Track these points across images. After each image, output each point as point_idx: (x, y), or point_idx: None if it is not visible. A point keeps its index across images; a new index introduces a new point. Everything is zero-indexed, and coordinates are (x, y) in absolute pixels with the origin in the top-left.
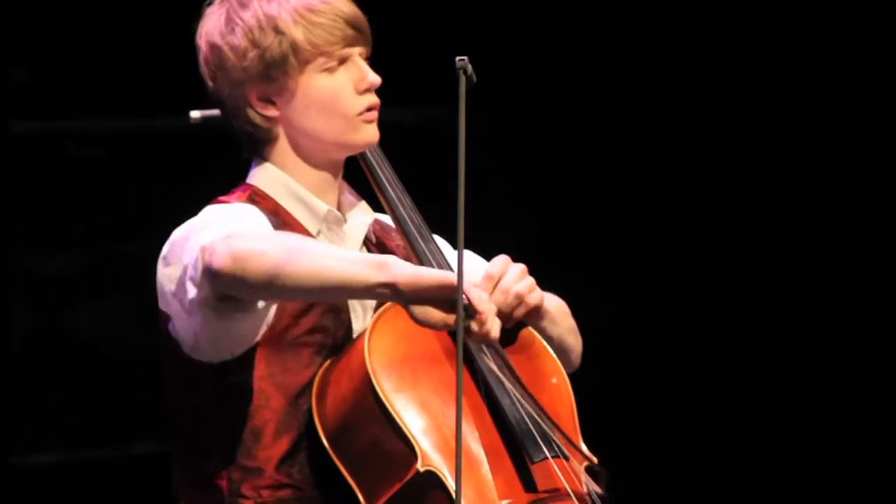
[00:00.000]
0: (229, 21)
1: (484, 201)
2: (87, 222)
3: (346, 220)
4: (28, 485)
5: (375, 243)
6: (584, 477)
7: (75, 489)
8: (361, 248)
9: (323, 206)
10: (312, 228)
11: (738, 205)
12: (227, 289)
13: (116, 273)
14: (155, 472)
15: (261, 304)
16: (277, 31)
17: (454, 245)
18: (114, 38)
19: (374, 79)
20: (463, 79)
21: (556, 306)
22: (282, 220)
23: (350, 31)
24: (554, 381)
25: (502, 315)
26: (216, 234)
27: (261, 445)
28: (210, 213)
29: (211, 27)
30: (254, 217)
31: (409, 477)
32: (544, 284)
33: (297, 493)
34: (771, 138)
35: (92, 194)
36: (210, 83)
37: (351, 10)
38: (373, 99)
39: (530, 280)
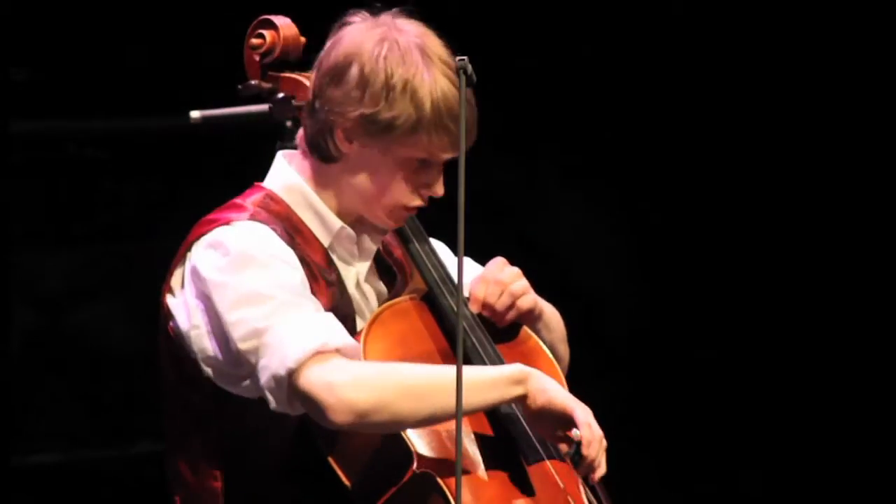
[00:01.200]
0: (381, 58)
1: (483, 201)
2: (87, 222)
3: (358, 238)
4: (28, 485)
5: (383, 251)
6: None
7: (75, 489)
8: (372, 262)
9: (337, 223)
10: (324, 240)
11: (741, 202)
12: (339, 426)
13: (116, 273)
14: (155, 472)
15: None
16: (414, 103)
17: (453, 249)
18: (114, 38)
19: (440, 193)
20: (463, 79)
21: (550, 312)
22: (294, 227)
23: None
24: None
25: (495, 313)
26: (299, 352)
27: (259, 447)
28: (239, 257)
29: (363, 45)
30: (285, 257)
31: (405, 479)
32: (544, 288)
33: (293, 494)
34: (772, 140)
35: (92, 194)
36: (320, 82)
37: (474, 121)
38: (425, 203)
39: (524, 283)
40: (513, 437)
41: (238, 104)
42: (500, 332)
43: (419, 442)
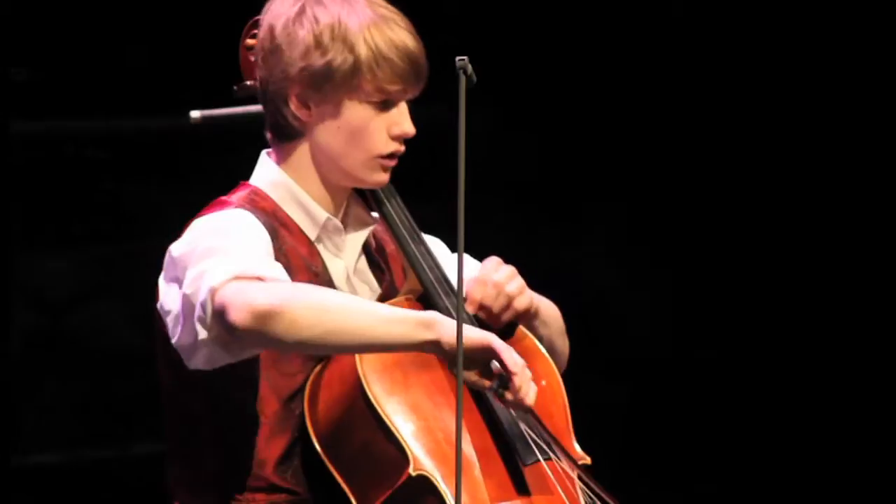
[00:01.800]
0: (302, 12)
1: (483, 201)
2: (87, 222)
3: (346, 230)
4: (28, 485)
5: (375, 248)
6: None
7: (75, 489)
8: (360, 253)
9: (323, 214)
10: (311, 234)
11: (739, 205)
12: (243, 342)
13: (116, 273)
14: (155, 472)
15: None
16: (346, 45)
17: (451, 247)
18: (114, 38)
19: (410, 130)
20: (463, 79)
21: (547, 308)
22: (280, 222)
23: (412, 77)
24: (543, 383)
25: (490, 314)
26: (223, 273)
27: (254, 449)
28: (207, 231)
29: (280, 11)
30: (252, 231)
31: (401, 481)
32: (541, 286)
33: (290, 497)
34: (770, 139)
35: (92, 194)
36: (259, 63)
37: (421, 55)
38: (399, 147)
39: (520, 282)
40: (509, 438)
41: (236, 105)
42: (497, 332)
43: (415, 444)
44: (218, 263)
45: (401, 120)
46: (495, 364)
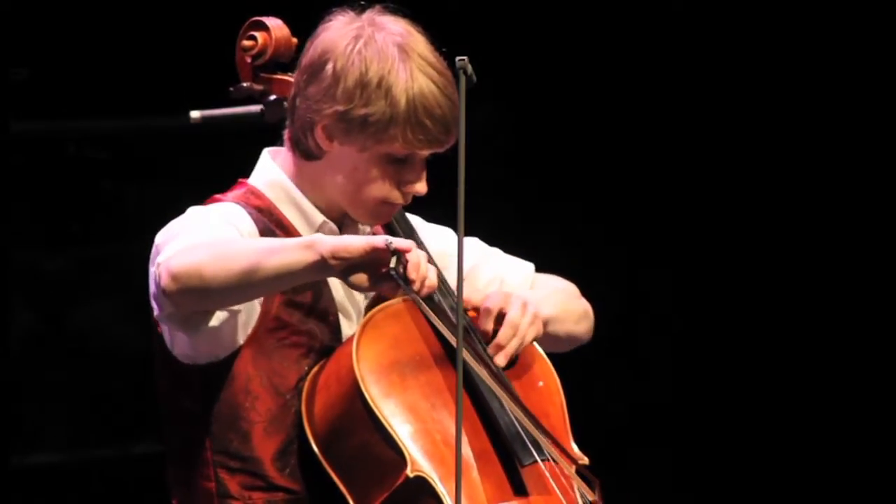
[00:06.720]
0: (356, 54)
1: (482, 198)
2: (87, 222)
3: (343, 231)
4: (28, 485)
5: None
6: (576, 481)
7: (75, 489)
8: None
9: (319, 218)
10: (306, 235)
11: (743, 203)
12: (178, 307)
13: (116, 273)
14: (155, 472)
15: (225, 312)
16: (388, 100)
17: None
18: (114, 38)
19: (422, 190)
20: (463, 79)
21: (559, 305)
22: (275, 221)
23: (441, 141)
24: (541, 384)
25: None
26: (171, 250)
27: (250, 447)
28: (188, 217)
29: (339, 42)
30: (232, 220)
31: (399, 482)
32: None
33: (288, 496)
34: (769, 144)
35: (92, 194)
36: (299, 77)
37: (455, 120)
38: (405, 200)
39: (510, 332)
40: (506, 439)
41: (234, 105)
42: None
43: (413, 445)
44: (176, 244)
45: (417, 178)
46: (388, 241)
